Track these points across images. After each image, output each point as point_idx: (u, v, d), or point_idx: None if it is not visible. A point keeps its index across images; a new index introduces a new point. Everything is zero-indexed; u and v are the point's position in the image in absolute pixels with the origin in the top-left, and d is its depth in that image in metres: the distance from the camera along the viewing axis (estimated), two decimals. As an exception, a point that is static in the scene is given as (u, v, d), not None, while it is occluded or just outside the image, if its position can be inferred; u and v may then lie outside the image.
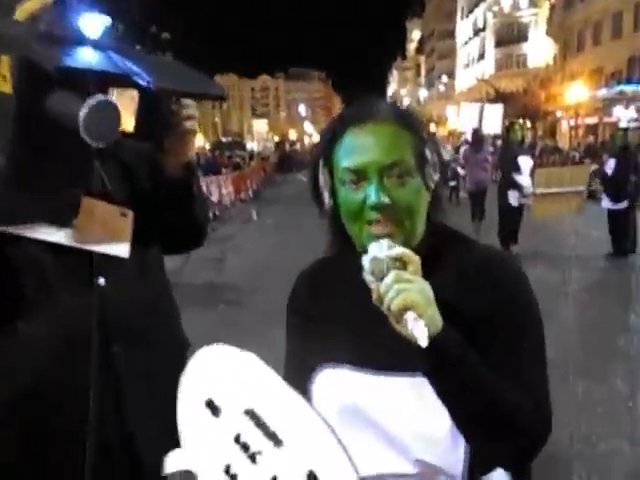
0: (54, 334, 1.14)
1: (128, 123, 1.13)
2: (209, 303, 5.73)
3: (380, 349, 0.93)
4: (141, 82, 0.98)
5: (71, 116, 0.88)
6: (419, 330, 0.80)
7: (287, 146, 47.48)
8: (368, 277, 0.87)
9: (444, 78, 61.60)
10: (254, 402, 0.93)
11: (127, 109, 1.12)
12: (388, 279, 0.83)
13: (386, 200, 0.91)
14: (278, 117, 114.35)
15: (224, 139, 48.77)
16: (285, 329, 1.13)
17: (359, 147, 0.93)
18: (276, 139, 62.64)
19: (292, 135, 79.04)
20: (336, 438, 0.86)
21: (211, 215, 12.63)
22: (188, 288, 6.13)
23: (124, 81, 1.00)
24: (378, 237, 0.91)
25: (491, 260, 1.01)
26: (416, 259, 0.87)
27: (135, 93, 1.10)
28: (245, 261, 8.12)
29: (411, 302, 0.81)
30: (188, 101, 1.20)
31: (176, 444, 0.98)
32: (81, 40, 0.95)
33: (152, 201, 1.27)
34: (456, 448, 0.89)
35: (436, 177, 0.98)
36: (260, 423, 0.92)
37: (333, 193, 0.98)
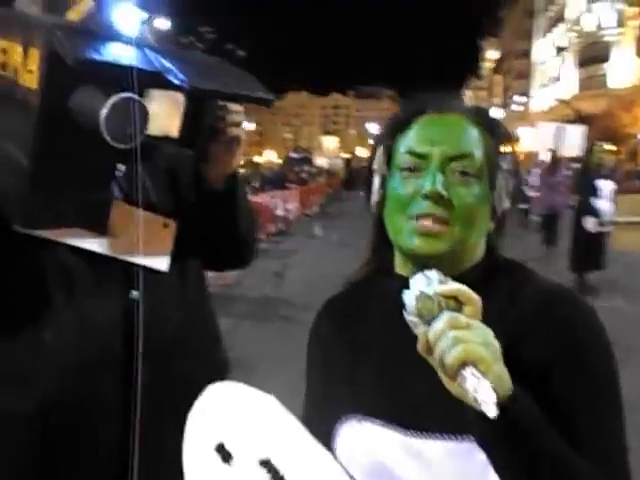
0: (81, 346, 1.07)
1: (172, 128, 1.06)
2: (265, 318, 5.70)
3: (418, 404, 0.79)
4: (174, 81, 0.90)
5: (93, 114, 0.81)
6: (485, 394, 0.62)
7: (356, 163, 47.61)
8: (411, 318, 0.70)
9: (519, 98, 60.20)
10: (272, 452, 0.82)
11: (171, 113, 1.05)
12: (440, 324, 0.66)
13: (443, 192, 0.78)
14: (348, 134, 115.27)
15: (294, 155, 49.64)
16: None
17: (425, 134, 0.83)
18: (345, 156, 63.17)
19: (361, 152, 79.35)
20: None
21: (275, 229, 12.77)
22: (245, 301, 6.14)
23: (164, 81, 0.92)
24: (424, 235, 0.78)
25: (554, 295, 0.83)
26: (476, 298, 0.69)
27: (179, 96, 1.02)
28: (305, 277, 8.06)
29: (473, 356, 0.64)
30: (235, 106, 1.11)
31: None
32: (114, 35, 0.88)
33: (194, 213, 1.19)
34: None
35: (506, 204, 0.85)
36: (278, 477, 0.82)
37: (384, 186, 0.86)
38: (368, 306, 0.92)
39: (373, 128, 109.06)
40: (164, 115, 1.03)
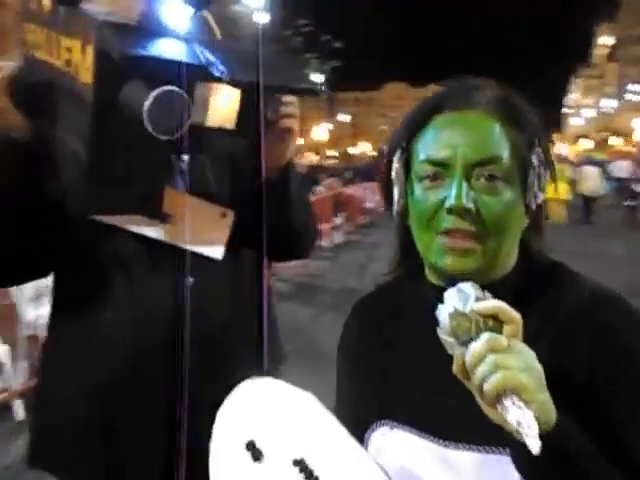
0: (136, 327, 1.14)
1: (228, 119, 1.09)
2: (347, 309, 5.72)
3: (452, 413, 0.75)
4: (215, 73, 0.93)
5: (139, 107, 0.86)
6: (529, 427, 0.58)
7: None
8: (446, 338, 0.66)
9: (635, 87, 55.83)
10: (306, 451, 0.82)
11: (227, 104, 1.08)
12: (479, 346, 0.61)
13: (469, 204, 0.72)
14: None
15: (389, 147, 49.20)
16: None
17: (445, 137, 0.76)
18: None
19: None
20: None
21: (364, 221, 12.77)
22: (328, 292, 6.19)
23: (208, 74, 0.95)
24: (453, 253, 0.74)
25: (599, 299, 0.77)
26: (517, 317, 0.64)
27: (235, 89, 1.05)
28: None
29: (515, 384, 0.59)
30: (289, 97, 1.13)
31: None
32: (161, 30, 0.92)
33: (250, 204, 1.22)
34: None
35: (540, 197, 0.78)
36: (311, 476, 0.82)
37: (406, 192, 0.81)
38: (400, 311, 0.89)
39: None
40: (220, 107, 1.07)
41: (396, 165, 0.81)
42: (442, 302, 0.69)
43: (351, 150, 59.50)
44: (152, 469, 1.13)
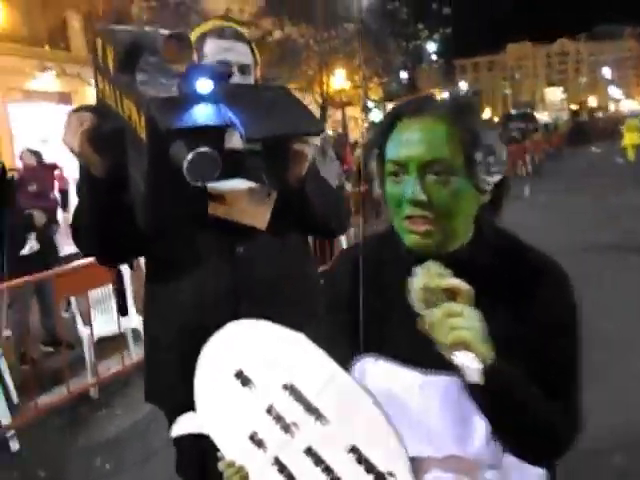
0: (201, 291, 1.45)
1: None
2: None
3: (424, 347, 0.91)
4: (238, 134, 1.16)
5: (180, 162, 1.12)
6: (472, 369, 0.82)
7: (584, 115, 43.06)
8: (417, 303, 0.86)
9: None
10: (295, 377, 0.98)
11: None
12: (439, 312, 0.83)
13: (422, 197, 0.90)
14: (577, 84, 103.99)
15: (514, 111, 46.83)
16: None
17: (404, 140, 0.94)
18: (573, 107, 57.36)
19: (592, 102, 71.16)
20: (385, 415, 0.89)
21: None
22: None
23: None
24: (415, 233, 0.93)
25: (540, 265, 0.98)
26: (467, 289, 0.85)
27: None
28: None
29: (463, 340, 0.82)
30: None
31: None
32: (194, 98, 1.15)
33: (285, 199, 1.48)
34: (490, 443, 0.94)
35: (492, 179, 0.94)
36: (300, 397, 0.97)
37: (383, 184, 1.00)
38: (382, 263, 1.06)
39: (608, 72, 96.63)
40: None
41: (372, 164, 1.01)
42: (420, 262, 0.90)
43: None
44: None
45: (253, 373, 1.03)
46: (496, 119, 45.92)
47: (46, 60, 13.96)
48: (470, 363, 0.82)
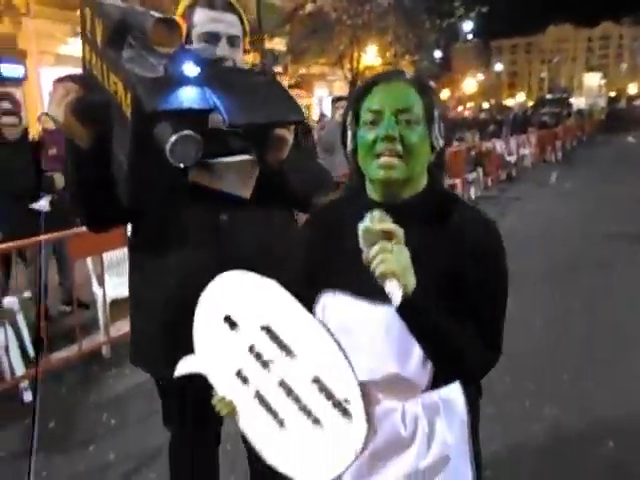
0: (186, 258, 1.50)
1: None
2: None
3: (370, 282, 1.08)
4: (220, 118, 1.21)
5: (163, 143, 1.16)
6: (394, 294, 1.02)
7: (622, 103, 41.85)
8: (361, 243, 1.05)
9: None
10: (271, 320, 1.13)
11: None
12: (374, 250, 1.02)
13: (395, 133, 1.12)
14: (617, 70, 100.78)
15: (549, 95, 45.67)
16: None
17: (380, 96, 1.17)
18: (612, 94, 55.75)
19: (632, 89, 68.92)
20: (342, 350, 1.07)
21: (504, 176, 12.26)
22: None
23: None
24: (385, 167, 1.13)
25: (470, 215, 1.21)
26: (400, 232, 1.05)
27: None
28: (516, 225, 7.67)
29: (390, 271, 1.01)
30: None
31: None
32: (180, 80, 1.19)
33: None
34: (425, 365, 1.15)
35: (441, 142, 1.19)
36: (275, 337, 1.12)
37: (355, 138, 1.20)
38: (344, 217, 1.23)
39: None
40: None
41: (350, 119, 1.22)
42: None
43: (508, 102, 55.83)
44: None
45: (238, 317, 1.17)
46: (530, 103, 44.87)
47: (78, 25, 14.03)
48: (393, 290, 1.01)
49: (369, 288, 1.10)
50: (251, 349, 1.15)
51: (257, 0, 17.74)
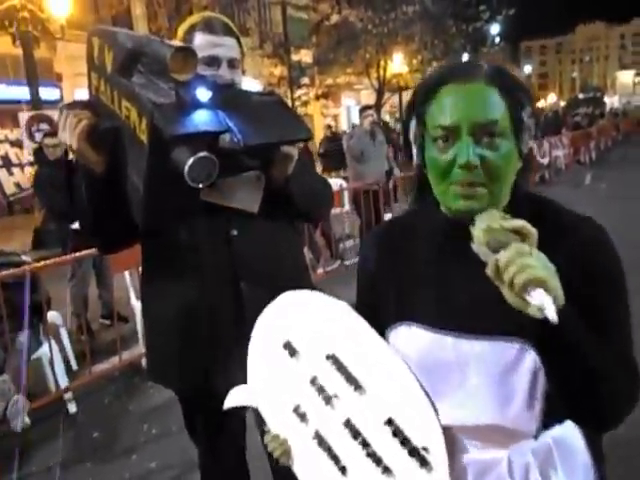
0: (200, 273, 1.52)
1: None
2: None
3: (458, 311, 0.95)
4: (235, 140, 1.25)
5: (180, 166, 1.20)
6: (550, 308, 0.75)
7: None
8: (480, 248, 0.82)
9: None
10: (339, 348, 0.97)
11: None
12: (510, 252, 0.78)
13: (475, 161, 0.89)
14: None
15: (582, 95, 44.81)
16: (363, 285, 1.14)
17: (453, 104, 0.91)
18: (647, 92, 54.26)
19: (668, 86, 66.98)
20: (423, 389, 0.90)
21: (537, 178, 12.06)
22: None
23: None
24: (464, 197, 0.91)
25: (577, 225, 0.97)
26: (534, 232, 0.81)
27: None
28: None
29: (539, 278, 0.76)
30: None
31: None
32: (195, 105, 1.24)
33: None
34: (532, 408, 0.92)
35: (530, 143, 0.95)
36: (342, 368, 0.97)
37: (422, 150, 0.98)
38: (414, 235, 1.07)
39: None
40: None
41: (413, 129, 0.99)
42: (456, 232, 0.91)
43: (540, 103, 54.96)
44: (229, 369, 1.50)
45: (300, 344, 1.02)
46: (562, 104, 44.08)
47: (111, 46, 14.40)
48: (547, 302, 0.75)
49: (457, 317, 0.95)
50: (313, 381, 0.99)
51: (283, 14, 18.01)
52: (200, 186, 1.24)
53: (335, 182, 6.53)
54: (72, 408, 3.49)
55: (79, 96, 14.20)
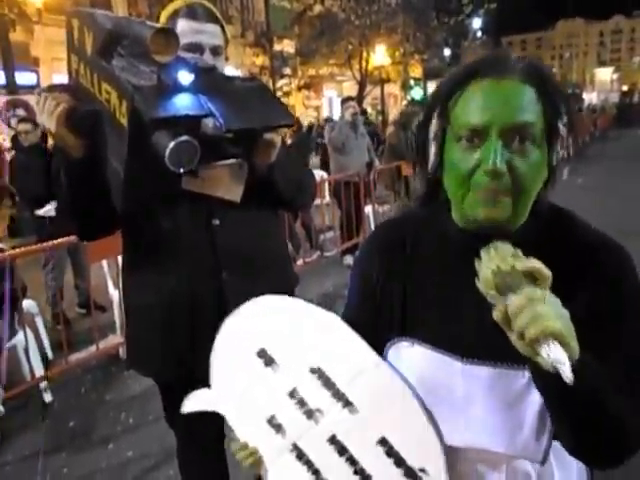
0: (181, 262, 1.51)
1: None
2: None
3: (467, 334, 0.88)
4: (216, 124, 1.23)
5: (161, 150, 1.18)
6: (565, 365, 0.67)
7: (635, 97, 41.37)
8: (487, 291, 0.75)
9: None
10: (325, 361, 0.92)
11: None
12: (520, 299, 0.70)
13: (503, 168, 0.79)
14: (630, 64, 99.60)
15: (561, 91, 45.14)
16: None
17: (482, 103, 0.81)
18: (624, 88, 55.13)
19: (645, 84, 68.07)
20: (426, 410, 0.85)
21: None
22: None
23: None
24: (485, 205, 0.82)
25: (598, 244, 0.88)
26: (549, 274, 0.73)
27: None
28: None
29: (552, 332, 0.68)
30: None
31: None
32: (176, 88, 1.22)
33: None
34: (540, 439, 0.85)
35: (561, 154, 0.86)
36: (328, 383, 0.92)
37: (441, 152, 0.88)
38: (420, 245, 0.97)
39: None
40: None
41: (435, 125, 0.88)
42: (468, 247, 0.83)
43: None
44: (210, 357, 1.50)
45: (278, 353, 0.96)
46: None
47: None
48: (563, 359, 0.67)
49: (466, 341, 0.88)
50: (292, 394, 0.94)
51: (265, 3, 17.85)
52: (181, 171, 1.23)
53: (316, 173, 6.53)
54: (48, 397, 3.45)
55: (57, 81, 13.96)
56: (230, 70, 1.51)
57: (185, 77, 1.22)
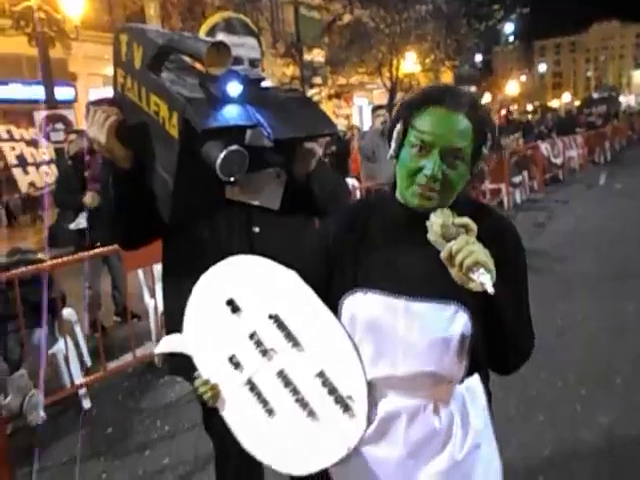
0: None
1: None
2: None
3: (408, 281, 1.16)
4: (265, 134, 1.28)
5: (212, 160, 1.22)
6: (489, 283, 0.99)
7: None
8: (436, 239, 1.05)
9: None
10: (282, 309, 1.12)
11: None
12: (460, 242, 1.02)
13: (439, 175, 1.12)
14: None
15: (596, 95, 44.36)
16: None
17: (436, 125, 1.12)
18: (662, 91, 53.64)
19: (685, 85, 66.08)
20: (355, 349, 1.08)
21: (550, 178, 11.95)
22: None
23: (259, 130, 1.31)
24: (421, 198, 1.14)
25: (498, 219, 1.25)
26: (475, 227, 1.06)
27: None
28: (567, 228, 7.55)
29: (482, 261, 1.00)
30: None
31: None
32: (225, 100, 1.26)
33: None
34: (461, 360, 1.16)
35: (481, 166, 1.21)
36: (283, 327, 1.12)
37: (399, 147, 1.18)
38: (373, 216, 1.26)
39: None
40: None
41: (397, 130, 1.18)
42: (408, 218, 1.17)
43: (553, 103, 54.37)
44: None
45: (243, 302, 1.15)
46: (576, 103, 43.63)
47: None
48: (487, 279, 0.99)
49: (407, 285, 1.14)
50: (252, 336, 1.13)
51: (295, 14, 18.03)
52: (231, 180, 1.26)
53: (348, 181, 6.53)
54: (86, 404, 3.53)
55: (93, 95, 14.40)
56: (266, 81, 1.55)
57: (234, 89, 1.26)
